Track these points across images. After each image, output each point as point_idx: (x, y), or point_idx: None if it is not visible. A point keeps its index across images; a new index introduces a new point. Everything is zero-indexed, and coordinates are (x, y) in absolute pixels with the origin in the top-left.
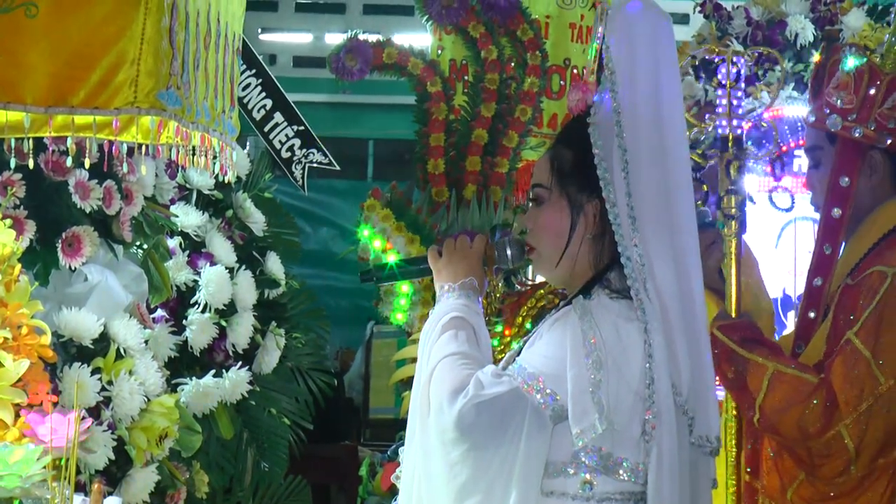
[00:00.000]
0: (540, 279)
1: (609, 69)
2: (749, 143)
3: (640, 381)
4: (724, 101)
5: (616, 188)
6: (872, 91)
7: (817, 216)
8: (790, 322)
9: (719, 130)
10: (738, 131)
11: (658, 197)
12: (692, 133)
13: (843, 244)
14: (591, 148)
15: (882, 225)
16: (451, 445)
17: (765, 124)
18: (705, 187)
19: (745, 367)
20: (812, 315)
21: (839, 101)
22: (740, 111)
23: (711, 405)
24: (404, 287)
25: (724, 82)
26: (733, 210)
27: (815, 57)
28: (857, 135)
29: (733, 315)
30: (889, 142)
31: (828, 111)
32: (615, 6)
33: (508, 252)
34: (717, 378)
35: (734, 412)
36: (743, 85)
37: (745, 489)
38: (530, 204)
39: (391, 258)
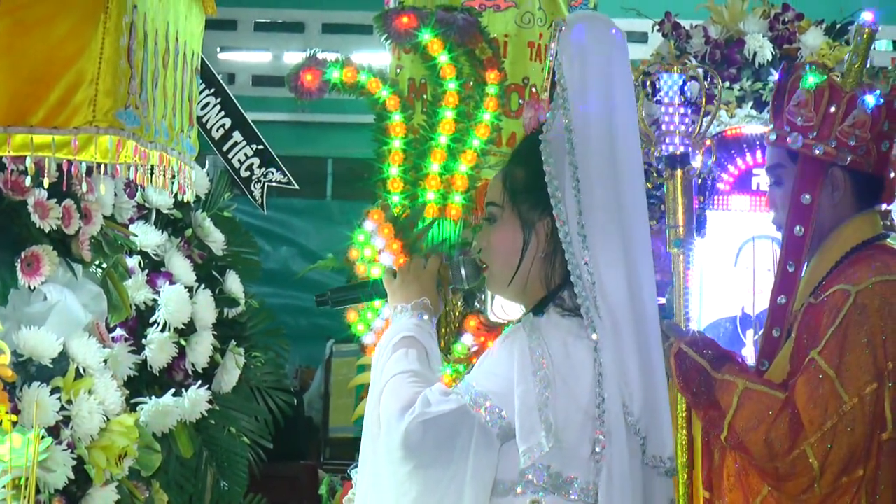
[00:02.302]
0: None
1: (561, 86)
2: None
3: (589, 399)
4: (681, 120)
5: (567, 206)
6: (833, 108)
7: (777, 234)
8: (749, 340)
9: (671, 148)
10: (688, 149)
11: (610, 213)
12: (657, 151)
13: (807, 262)
14: (542, 166)
15: (844, 243)
16: (399, 463)
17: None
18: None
19: (713, 384)
20: (776, 333)
21: (800, 119)
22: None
23: (665, 424)
24: (376, 302)
25: (694, 101)
26: (681, 231)
27: (775, 76)
28: (817, 152)
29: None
30: (850, 159)
31: (789, 129)
32: (568, 23)
33: (462, 272)
34: (684, 396)
35: (685, 430)
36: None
37: None
38: (485, 222)
39: (375, 271)
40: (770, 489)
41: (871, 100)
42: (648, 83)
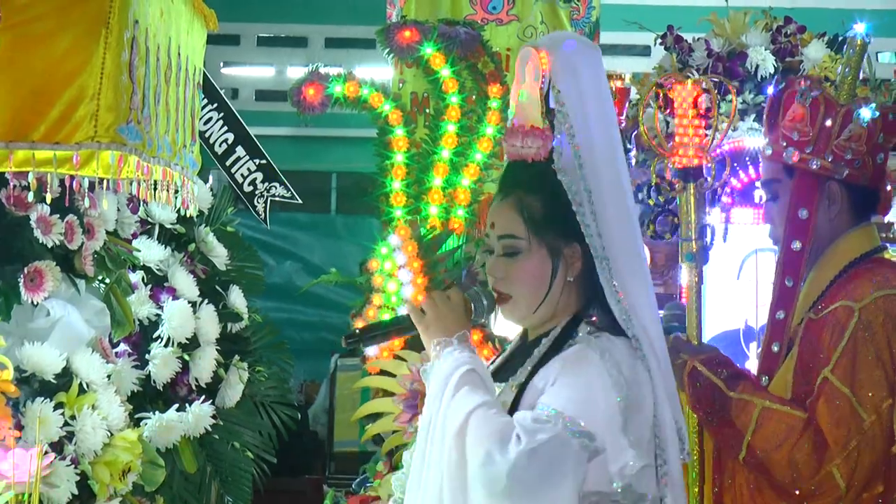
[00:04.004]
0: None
1: (563, 112)
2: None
3: (651, 416)
4: (695, 132)
5: (591, 231)
6: (829, 123)
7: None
8: (752, 353)
9: (684, 161)
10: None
11: (624, 231)
12: (659, 164)
13: (805, 276)
14: (557, 194)
15: (842, 257)
16: (503, 495)
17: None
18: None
19: (728, 404)
20: (776, 349)
21: (795, 134)
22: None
23: (684, 424)
24: (393, 299)
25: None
26: (694, 245)
27: (769, 89)
28: (814, 167)
29: (695, 343)
30: (846, 173)
31: (784, 144)
32: (551, 46)
33: (484, 302)
34: (696, 414)
35: (696, 445)
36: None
37: None
38: (501, 253)
39: (391, 285)
40: None
41: (866, 113)
42: (661, 95)
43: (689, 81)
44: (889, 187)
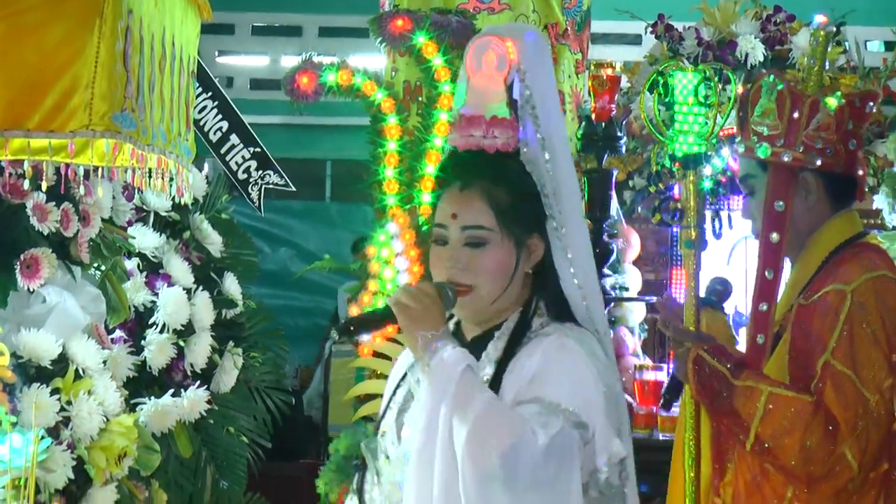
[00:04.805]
0: None
1: (530, 103)
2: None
3: (623, 406)
4: (690, 119)
5: (556, 222)
6: (796, 114)
7: None
8: (742, 338)
9: (684, 149)
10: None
11: (579, 222)
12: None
13: (790, 267)
14: (522, 185)
15: (826, 244)
16: (525, 490)
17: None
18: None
19: (731, 392)
20: (760, 341)
21: (765, 129)
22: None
23: None
24: (388, 286)
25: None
26: (693, 232)
27: (738, 88)
28: (786, 159)
29: (692, 329)
30: (819, 162)
31: (755, 139)
32: (514, 36)
33: (450, 294)
34: (701, 401)
35: (693, 432)
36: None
37: None
38: (464, 243)
39: (387, 272)
40: (795, 493)
41: (832, 102)
42: (662, 82)
43: (689, 69)
44: (862, 173)
